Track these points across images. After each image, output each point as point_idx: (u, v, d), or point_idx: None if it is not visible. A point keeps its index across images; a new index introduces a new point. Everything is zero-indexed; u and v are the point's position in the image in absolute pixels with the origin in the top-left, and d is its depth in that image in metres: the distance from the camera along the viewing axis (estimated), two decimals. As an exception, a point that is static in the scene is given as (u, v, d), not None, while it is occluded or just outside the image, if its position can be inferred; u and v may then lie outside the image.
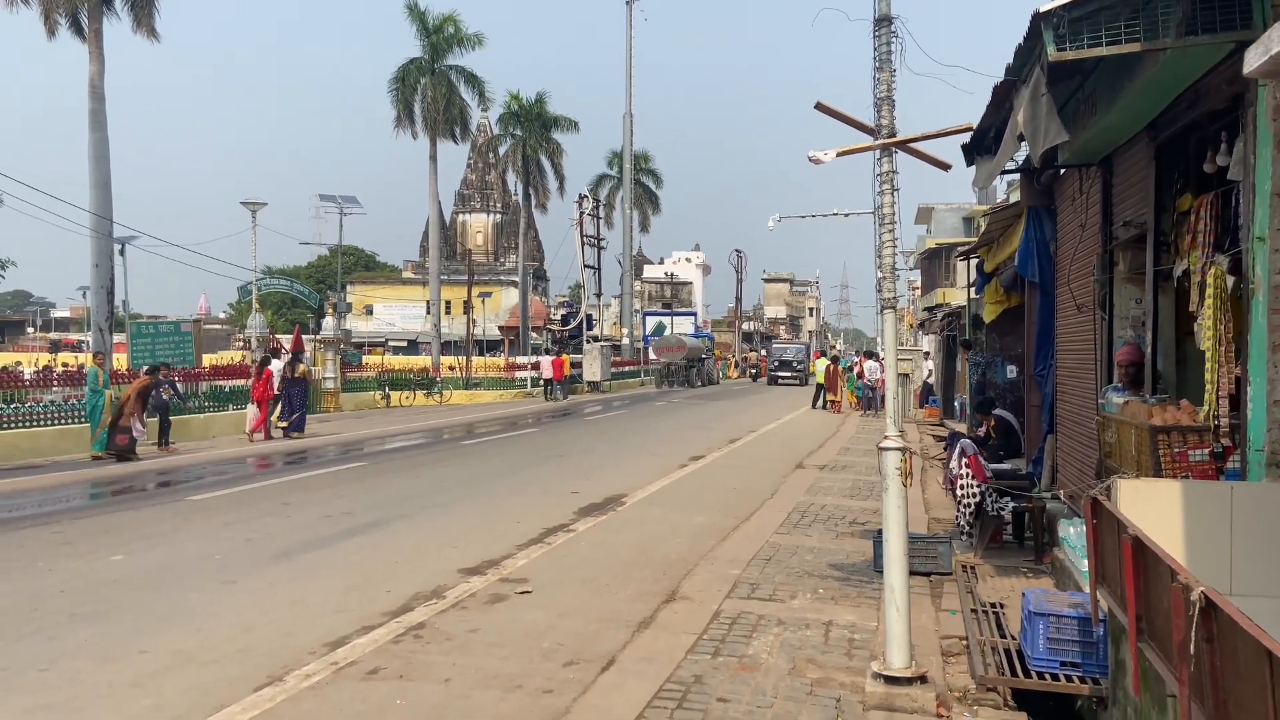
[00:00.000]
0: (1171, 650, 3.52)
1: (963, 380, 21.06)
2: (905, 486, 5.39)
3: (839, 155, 5.55)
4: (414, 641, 6.05)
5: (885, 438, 5.41)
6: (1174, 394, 6.94)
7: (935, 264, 40.95)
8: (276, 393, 20.35)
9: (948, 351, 26.68)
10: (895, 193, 5.41)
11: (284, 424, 20.56)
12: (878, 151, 5.45)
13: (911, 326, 47.81)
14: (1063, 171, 9.63)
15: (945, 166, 5.73)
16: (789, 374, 52.46)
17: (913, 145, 5.53)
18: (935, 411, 26.58)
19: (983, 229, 14.35)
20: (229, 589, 7.35)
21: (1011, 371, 15.15)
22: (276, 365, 20.77)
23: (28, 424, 17.17)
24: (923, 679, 5.19)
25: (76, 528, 9.87)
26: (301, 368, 21.75)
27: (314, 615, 6.62)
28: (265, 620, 6.51)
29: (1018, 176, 11.35)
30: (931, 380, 30.14)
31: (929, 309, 36.70)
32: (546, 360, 38.17)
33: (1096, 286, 8.34)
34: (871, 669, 5.30)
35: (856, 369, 30.47)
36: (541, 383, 37.46)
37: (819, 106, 5.57)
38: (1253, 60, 3.69)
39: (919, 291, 48.99)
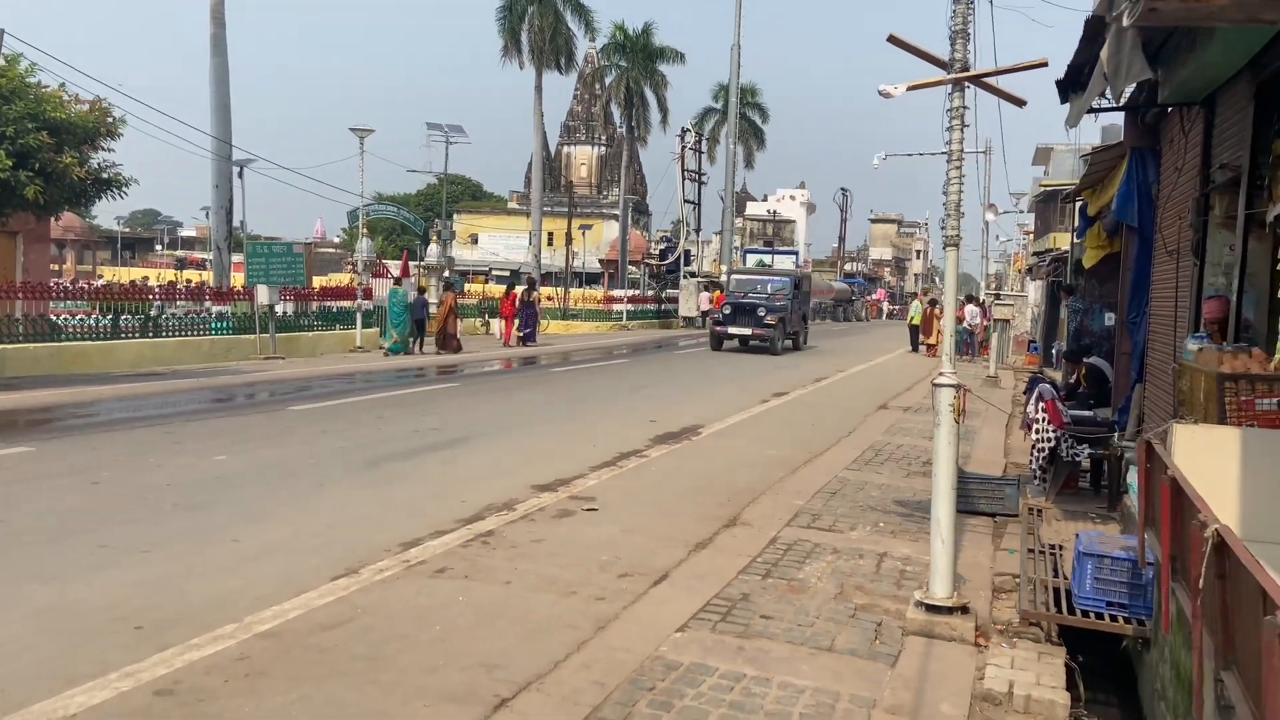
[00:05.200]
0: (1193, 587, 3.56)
1: (1064, 327, 20.46)
2: (958, 424, 5.45)
3: (910, 89, 5.51)
4: (481, 547, 6.43)
5: (939, 374, 5.46)
6: (1263, 344, 6.72)
7: (1050, 207, 39.41)
8: (516, 310, 26.71)
9: (1052, 297, 25.88)
10: (964, 129, 5.35)
11: (521, 335, 26.68)
12: (949, 86, 5.38)
13: (1020, 271, 46.30)
14: (1169, 111, 9.24)
15: (1020, 103, 5.63)
16: (749, 330, 26.18)
17: (986, 80, 5.45)
18: (1036, 359, 25.90)
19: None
20: (319, 490, 7.90)
21: (1109, 319, 14.69)
22: (519, 290, 27.46)
23: (152, 334, 18.32)
24: (964, 609, 5.29)
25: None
26: (535, 294, 28.65)
27: (393, 518, 7.08)
28: (348, 520, 7.00)
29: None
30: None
31: (1038, 254, 35.50)
32: (706, 295, 42.59)
33: (1191, 231, 8.06)
34: (914, 597, 5.43)
35: (958, 313, 29.82)
36: (700, 313, 42.06)
37: (891, 39, 5.52)
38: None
39: (1032, 236, 47.29)
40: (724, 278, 54.61)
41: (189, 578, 5.55)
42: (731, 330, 26.60)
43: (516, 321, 26.89)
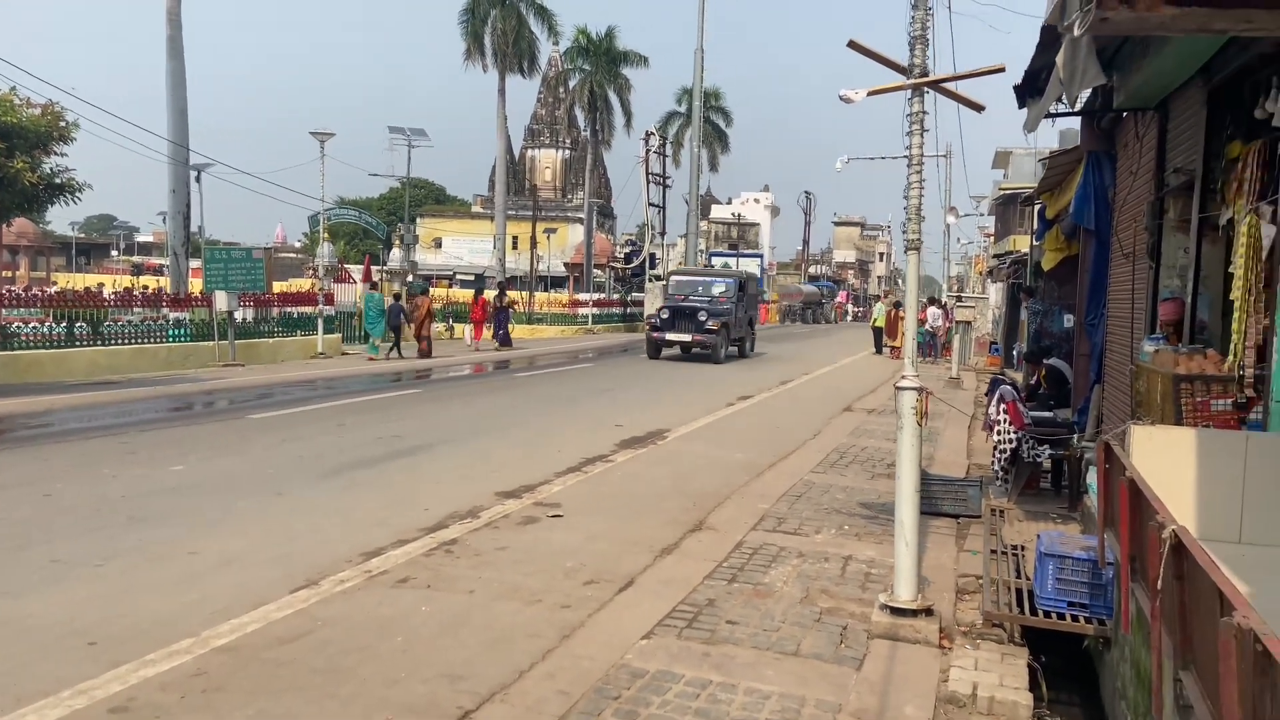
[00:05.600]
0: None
1: (1024, 328, 20.71)
2: (920, 426, 5.47)
3: (870, 94, 5.54)
4: (445, 556, 6.36)
5: (902, 377, 5.48)
6: (1218, 345, 6.83)
7: (1010, 210, 39.95)
8: (487, 315, 27.45)
9: (1012, 299, 26.19)
10: (924, 134, 5.38)
11: (495, 338, 27.49)
12: (909, 91, 5.41)
13: (981, 273, 46.86)
14: (1124, 116, 9.38)
15: (979, 108, 5.69)
16: (689, 335, 24.31)
17: (945, 85, 5.49)
18: (997, 360, 26.19)
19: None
20: (278, 500, 7.78)
21: (1068, 320, 14.87)
22: (489, 295, 28.21)
23: (107, 342, 17.99)
24: (928, 611, 5.32)
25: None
26: (507, 298, 29.21)
27: (354, 528, 6.98)
28: (308, 530, 6.90)
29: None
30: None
31: (998, 256, 35.94)
32: None
33: (1146, 234, 8.18)
34: (879, 600, 5.45)
35: (919, 315, 30.11)
36: None
37: (852, 44, 5.54)
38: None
39: (993, 238, 47.87)
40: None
41: (144, 591, 5.43)
42: (670, 336, 24.58)
43: (491, 326, 27.48)
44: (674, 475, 9.40)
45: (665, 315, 24.87)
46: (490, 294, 28.42)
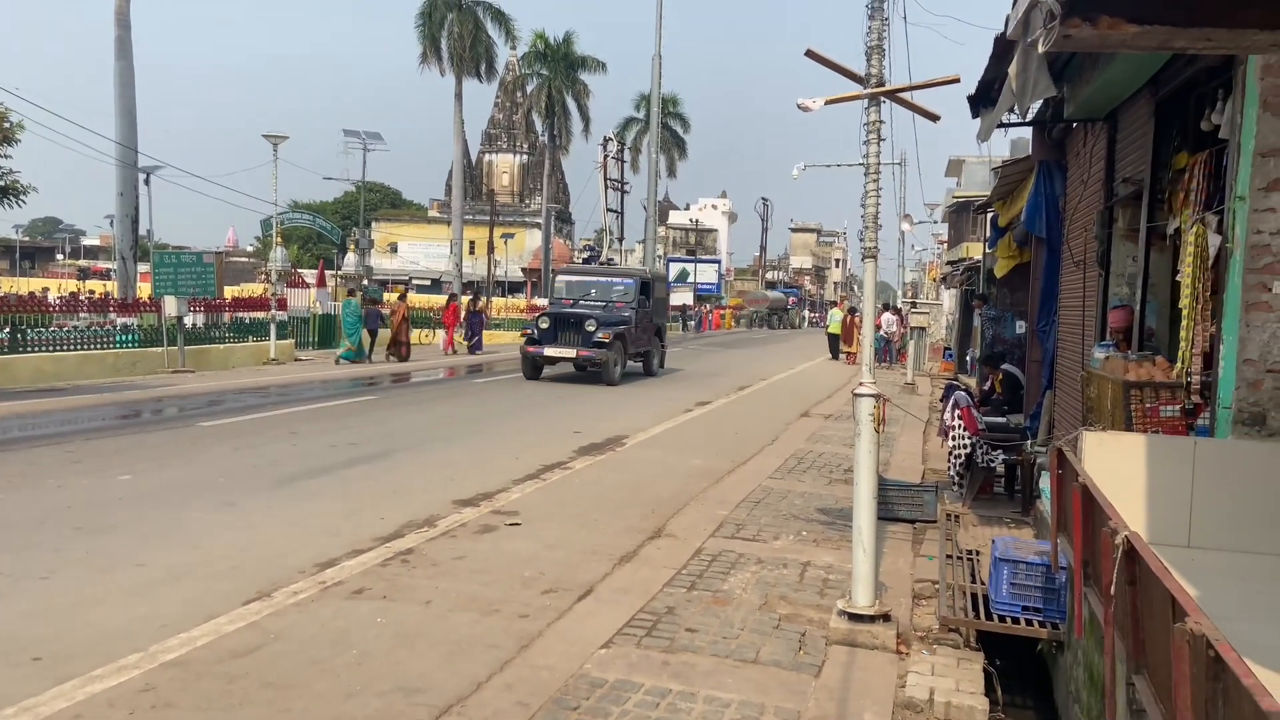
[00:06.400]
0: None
1: (977, 335, 21.00)
2: (878, 433, 5.51)
3: (827, 103, 5.57)
4: (401, 565, 6.28)
5: (860, 384, 5.52)
6: (1166, 352, 6.97)
7: (963, 217, 40.59)
8: (461, 320, 28.07)
9: (965, 306, 26.56)
10: (881, 143, 5.43)
11: (468, 343, 27.80)
12: (865, 101, 5.46)
13: (935, 280, 47.47)
14: (1074, 126, 9.55)
15: (934, 118, 5.74)
16: (573, 350, 19.33)
17: (901, 95, 5.54)
18: (951, 365, 26.55)
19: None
20: (229, 510, 7.63)
21: (1021, 327, 15.12)
22: (462, 300, 29.01)
23: (52, 348, 17.56)
24: (885, 617, 5.35)
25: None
26: (481, 302, 30.12)
27: (308, 538, 6.87)
28: (260, 540, 6.77)
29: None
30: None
31: (951, 263, 36.46)
32: None
33: (1096, 243, 8.33)
34: (837, 606, 5.47)
35: (875, 321, 30.45)
36: None
37: (809, 53, 5.57)
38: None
39: (946, 245, 48.58)
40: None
41: (91, 605, 5.30)
42: (550, 351, 19.33)
43: (463, 330, 28.07)
44: (633, 482, 9.38)
45: (545, 325, 19.79)
46: (466, 298, 29.35)
